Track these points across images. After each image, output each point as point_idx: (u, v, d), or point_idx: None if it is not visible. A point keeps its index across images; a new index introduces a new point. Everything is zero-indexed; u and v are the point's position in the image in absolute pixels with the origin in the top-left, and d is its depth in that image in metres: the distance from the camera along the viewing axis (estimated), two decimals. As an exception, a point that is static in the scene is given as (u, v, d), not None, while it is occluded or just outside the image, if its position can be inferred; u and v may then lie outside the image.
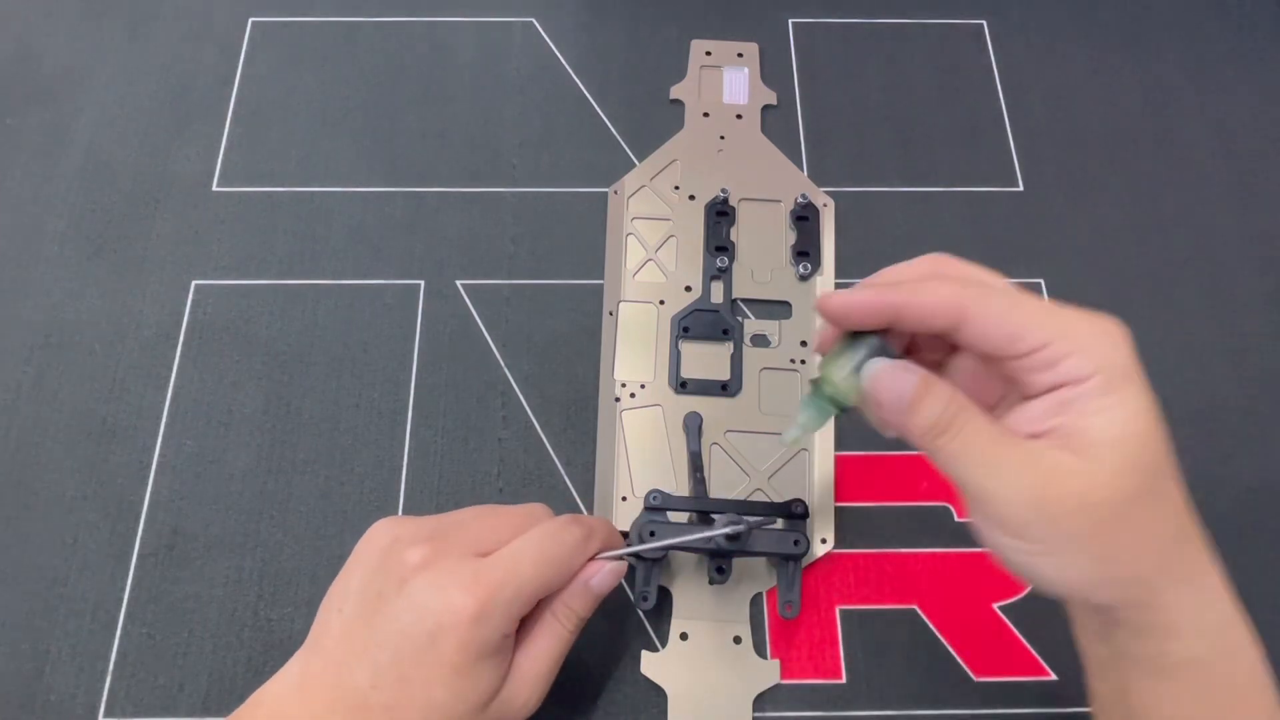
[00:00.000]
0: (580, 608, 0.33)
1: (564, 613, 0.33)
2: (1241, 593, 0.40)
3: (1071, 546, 0.25)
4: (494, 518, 0.33)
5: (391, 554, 0.31)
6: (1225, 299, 0.46)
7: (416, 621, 0.30)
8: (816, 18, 0.54)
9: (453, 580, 0.30)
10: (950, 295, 0.27)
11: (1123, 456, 0.25)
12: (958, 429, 0.26)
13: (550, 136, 0.50)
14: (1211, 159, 0.50)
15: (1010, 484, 0.25)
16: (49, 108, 0.50)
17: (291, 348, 0.44)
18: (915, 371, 0.27)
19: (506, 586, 0.30)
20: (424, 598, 0.30)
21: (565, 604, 0.33)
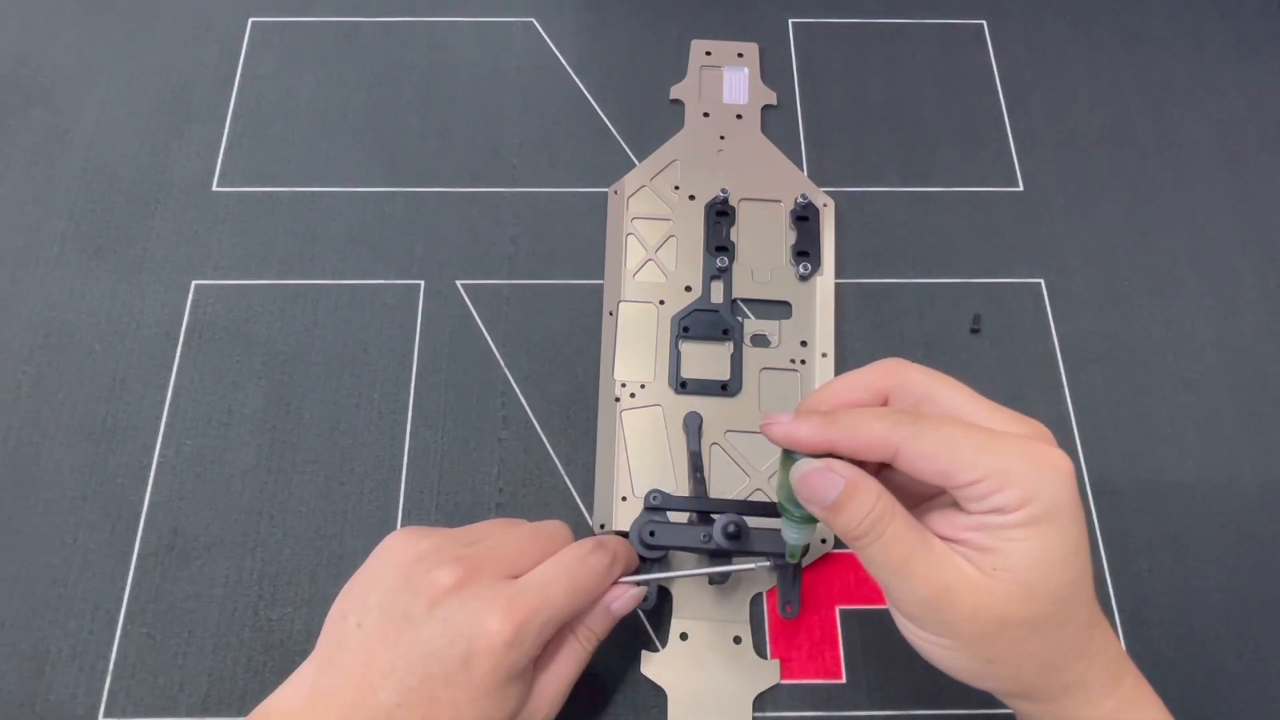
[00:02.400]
0: (600, 629, 0.34)
1: (584, 634, 0.34)
2: (1242, 592, 0.40)
3: (959, 646, 0.28)
4: (518, 541, 0.33)
5: (417, 572, 0.31)
6: (1225, 299, 0.46)
7: (450, 645, 0.30)
8: (816, 18, 0.54)
9: (487, 605, 0.30)
10: (882, 434, 0.27)
11: (1023, 584, 0.27)
12: (877, 534, 0.27)
13: (550, 136, 0.50)
14: (1211, 159, 0.50)
15: (916, 588, 0.27)
16: (49, 108, 0.50)
17: (291, 348, 0.44)
18: (842, 473, 0.28)
19: (541, 613, 0.31)
20: (459, 621, 0.30)
21: (586, 626, 0.34)
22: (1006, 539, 0.27)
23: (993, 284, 0.46)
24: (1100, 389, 0.44)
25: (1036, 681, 0.28)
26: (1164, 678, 0.38)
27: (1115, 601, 0.40)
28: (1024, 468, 0.27)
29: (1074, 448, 0.43)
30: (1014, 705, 0.30)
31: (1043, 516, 0.26)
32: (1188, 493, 0.42)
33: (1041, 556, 0.26)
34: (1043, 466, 0.27)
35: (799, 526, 0.32)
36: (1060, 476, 0.27)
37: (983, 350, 0.45)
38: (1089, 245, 0.47)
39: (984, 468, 0.26)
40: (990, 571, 0.27)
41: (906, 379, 0.30)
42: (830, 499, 0.28)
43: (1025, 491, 0.26)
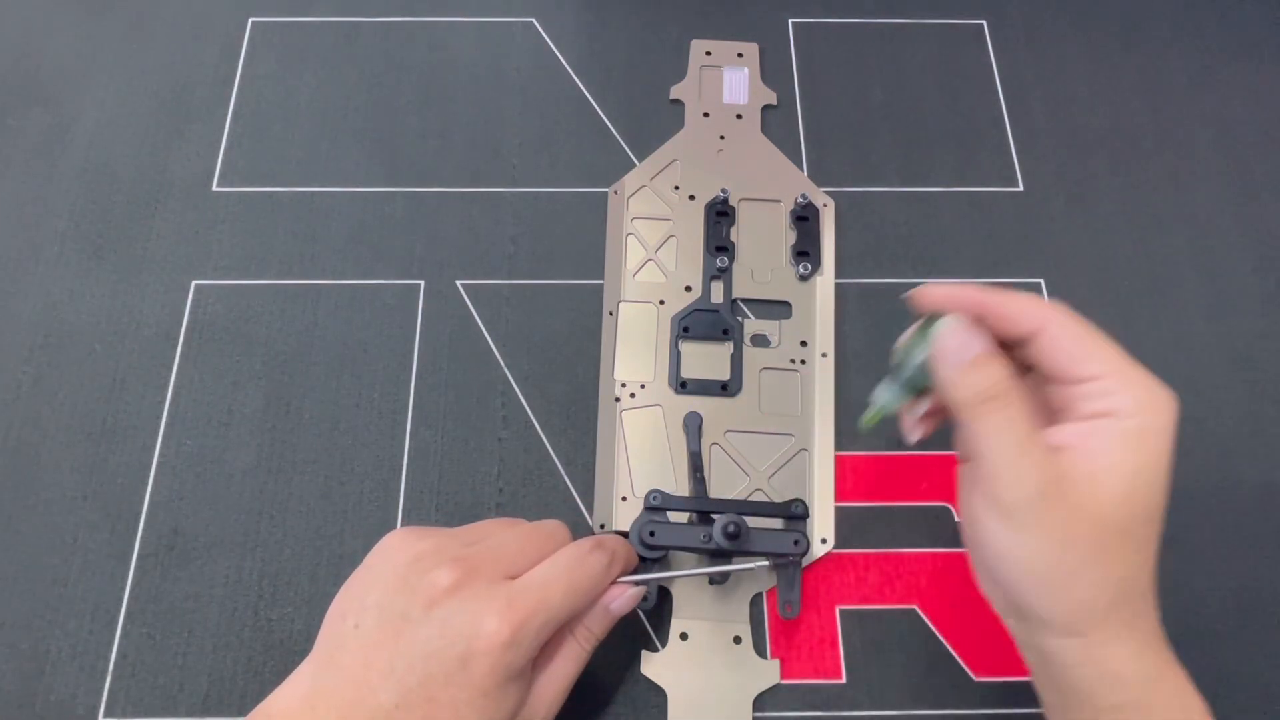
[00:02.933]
0: (599, 630, 0.34)
1: (583, 634, 0.34)
2: (1242, 592, 0.40)
3: (1049, 549, 0.27)
4: (517, 541, 0.33)
5: (415, 572, 0.31)
6: (1225, 299, 0.46)
7: (448, 646, 0.30)
8: (816, 18, 0.54)
9: (486, 606, 0.30)
10: (1036, 307, 0.29)
11: (1125, 490, 0.27)
12: (1004, 404, 0.28)
13: (550, 136, 0.50)
14: (1211, 159, 0.50)
15: (1028, 473, 0.27)
16: (49, 108, 0.50)
17: (291, 348, 0.44)
18: (984, 338, 0.29)
19: (539, 614, 0.31)
20: (458, 622, 0.30)
21: (585, 626, 0.34)
22: (1117, 446, 0.27)
23: (993, 284, 0.46)
24: (1100, 389, 0.44)
25: (1100, 605, 0.27)
26: (1164, 678, 0.38)
27: (1115, 601, 0.39)
28: (1146, 385, 0.28)
29: (1074, 448, 0.43)
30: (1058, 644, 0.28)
31: (1150, 432, 0.28)
32: (1188, 493, 0.42)
33: (1143, 468, 0.28)
34: (1164, 395, 0.29)
35: (900, 390, 0.32)
36: (1171, 408, 0.29)
37: (983, 350, 0.45)
38: (1089, 245, 0.47)
39: (1113, 366, 0.28)
40: (1098, 472, 0.27)
41: None
42: (971, 354, 0.29)
43: (1143, 406, 0.28)
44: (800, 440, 0.42)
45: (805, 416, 0.43)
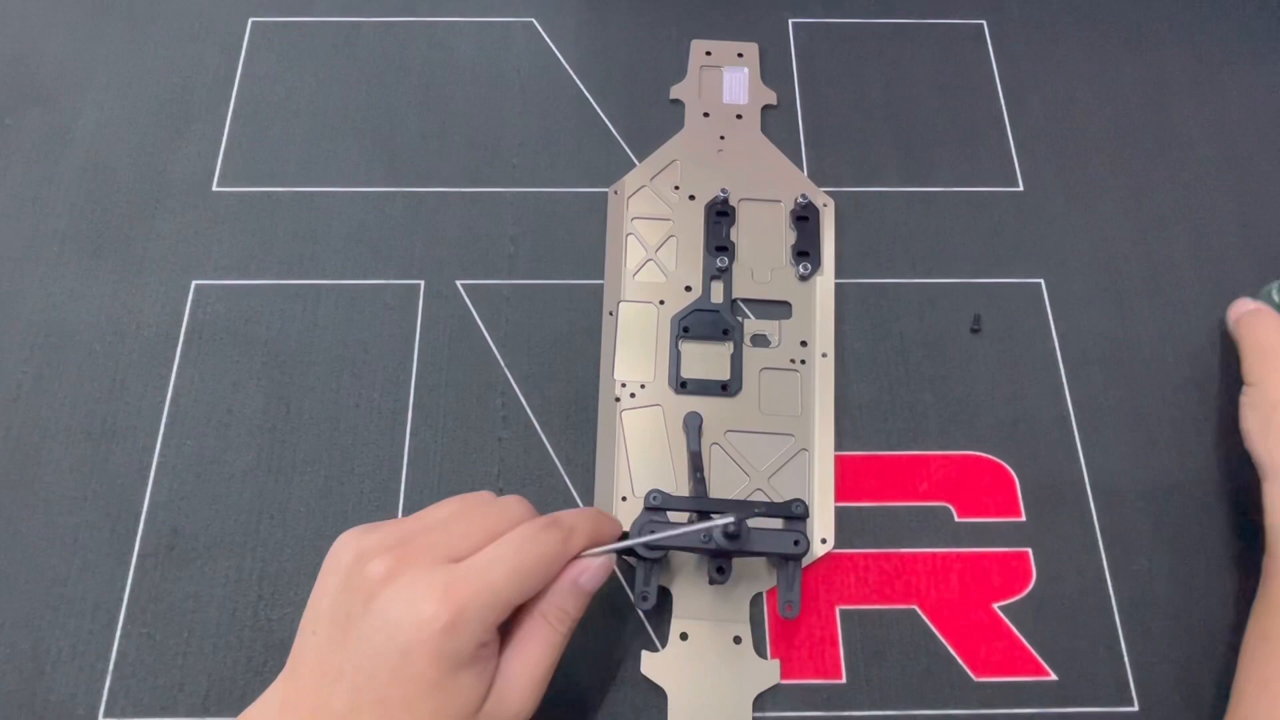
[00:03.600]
0: (571, 608, 0.32)
1: (555, 614, 0.32)
2: (1242, 592, 0.40)
3: None
4: (464, 522, 0.32)
5: (355, 570, 0.30)
6: (1225, 299, 0.46)
7: (388, 639, 0.28)
8: (816, 18, 0.54)
9: (421, 592, 0.29)
10: None
11: None
12: None
13: (550, 136, 0.50)
14: (1211, 159, 0.50)
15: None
16: (49, 108, 0.50)
17: (291, 348, 0.44)
18: None
19: (479, 595, 0.29)
20: (393, 613, 0.29)
21: (555, 605, 0.32)
22: None
23: (993, 284, 0.46)
24: (1100, 389, 0.44)
25: None
26: (1164, 677, 0.38)
27: (1115, 601, 0.40)
28: None
29: (1074, 447, 0.43)
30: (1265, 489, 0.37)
31: None
32: (1188, 493, 0.42)
33: None
34: None
35: None
36: None
37: (983, 350, 0.45)
38: (1089, 245, 0.47)
39: None
40: None
41: None
42: None
43: None
44: (800, 440, 0.42)
45: (805, 416, 0.43)
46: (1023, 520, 0.41)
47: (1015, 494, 0.42)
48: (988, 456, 0.42)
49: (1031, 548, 0.41)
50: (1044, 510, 0.41)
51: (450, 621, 0.28)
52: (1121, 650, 0.39)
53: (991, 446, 0.43)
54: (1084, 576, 0.40)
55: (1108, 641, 0.39)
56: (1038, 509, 0.41)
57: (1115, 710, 0.38)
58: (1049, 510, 0.41)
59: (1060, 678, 0.38)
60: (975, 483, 0.42)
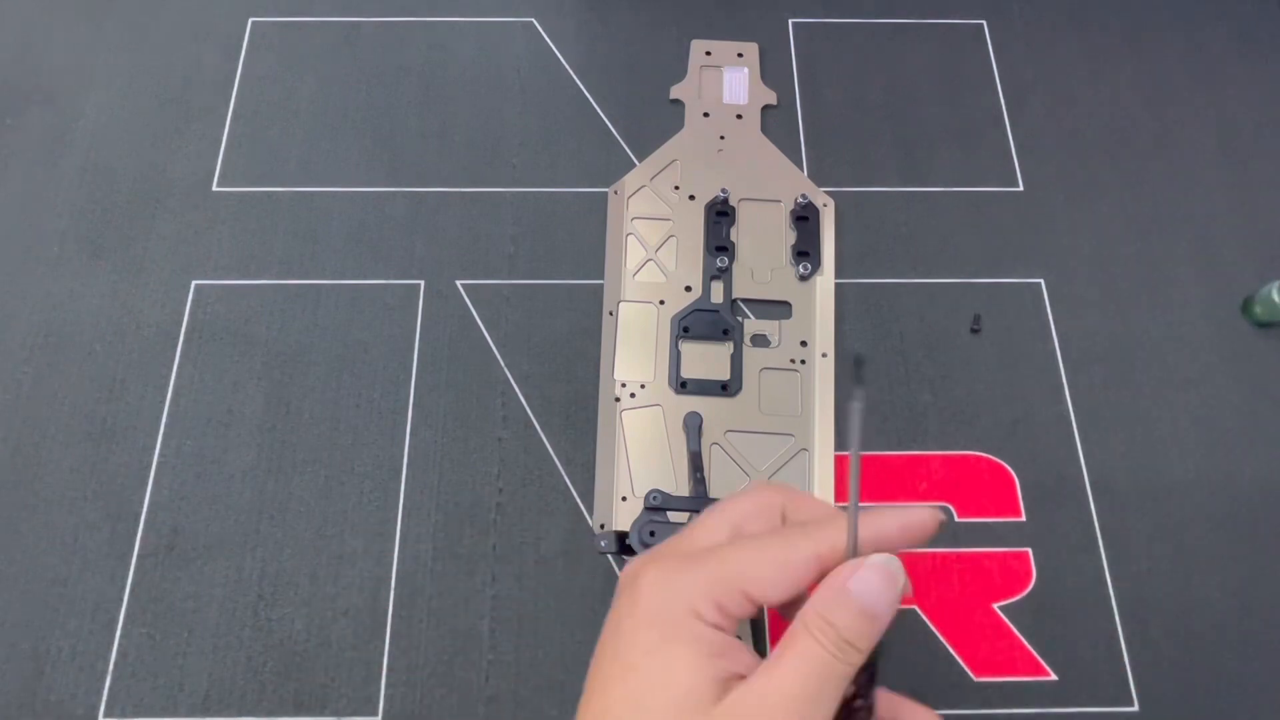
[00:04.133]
0: (837, 618, 0.25)
1: (817, 624, 0.25)
2: (1242, 592, 0.40)
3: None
4: (714, 515, 0.29)
5: None
6: (1224, 299, 0.46)
7: (614, 618, 0.27)
8: (816, 18, 0.54)
9: (654, 563, 0.27)
10: None
11: None
12: None
13: (550, 136, 0.50)
14: (1211, 159, 0.50)
15: None
16: (49, 108, 0.50)
17: (291, 348, 0.44)
18: None
19: (699, 560, 0.26)
20: (628, 584, 0.27)
21: (818, 612, 0.25)
22: None
23: (993, 284, 0.46)
24: (1100, 389, 0.44)
25: None
26: (1164, 677, 0.38)
27: (1115, 601, 0.40)
28: None
29: (1074, 447, 0.43)
30: None
31: None
32: (1188, 493, 0.42)
33: None
34: None
35: None
36: None
37: (983, 350, 0.45)
38: (1089, 245, 0.47)
39: None
40: None
41: None
42: None
43: None
44: (800, 440, 0.42)
45: (805, 416, 0.43)
46: (1023, 520, 0.41)
47: (1015, 494, 0.42)
48: (988, 456, 0.42)
49: (1031, 548, 0.41)
50: (1044, 510, 0.41)
51: (658, 579, 0.26)
52: (1121, 650, 0.39)
53: (991, 446, 0.43)
54: (1084, 576, 0.40)
55: (1108, 641, 0.39)
56: (1038, 509, 0.41)
57: (1115, 710, 0.38)
58: (1049, 510, 0.41)
59: (1060, 678, 0.38)
60: (975, 483, 0.42)
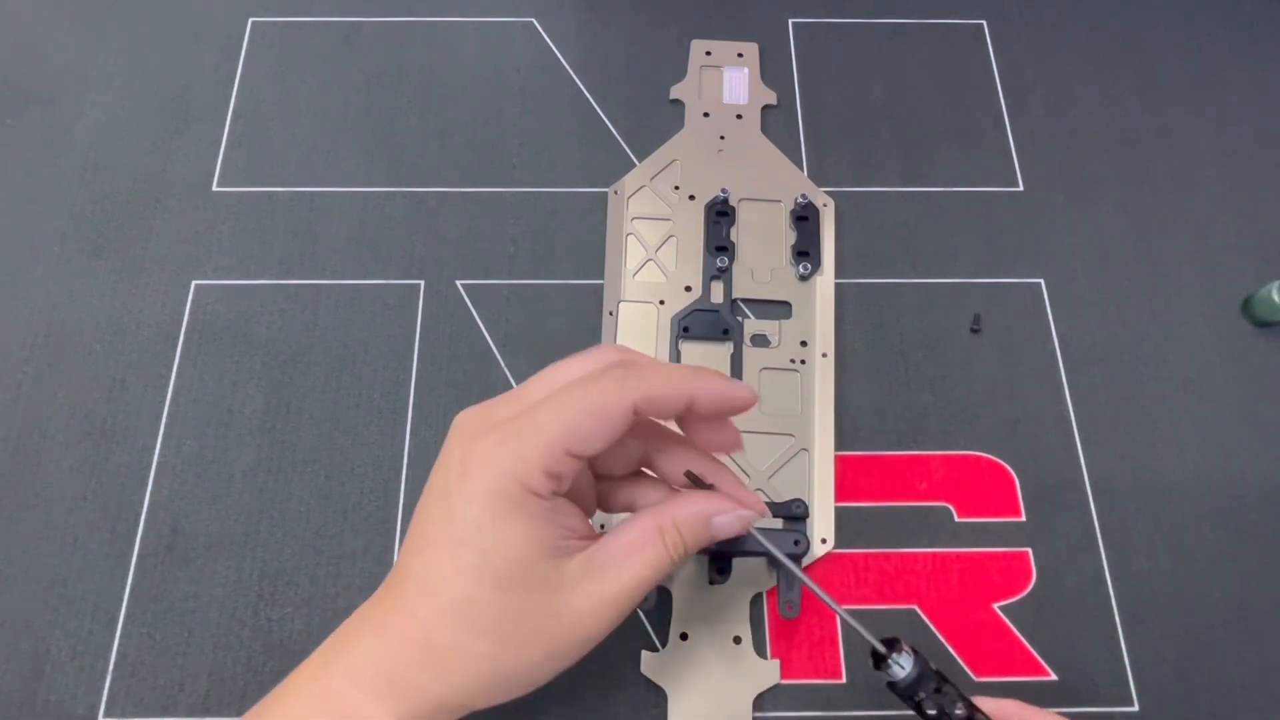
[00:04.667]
0: (690, 538, 0.29)
1: (671, 534, 0.29)
2: (1242, 592, 0.40)
3: None
4: (548, 372, 0.30)
5: (450, 436, 0.30)
6: (1225, 299, 0.46)
7: (442, 476, 0.28)
8: (816, 18, 0.54)
9: (473, 430, 0.28)
10: None
11: None
12: None
13: (550, 136, 0.50)
14: (1211, 159, 0.50)
15: None
16: (49, 108, 0.50)
17: (291, 348, 0.44)
18: None
19: (522, 428, 0.27)
20: (449, 452, 0.28)
21: (676, 526, 0.29)
22: None
23: (993, 284, 0.46)
24: (1100, 389, 0.44)
25: None
26: (1164, 678, 0.38)
27: (1115, 601, 0.40)
28: None
29: (1074, 448, 0.43)
30: None
31: None
32: (1188, 493, 0.42)
33: None
34: None
35: None
36: None
37: (983, 350, 0.45)
38: (1089, 245, 0.47)
39: None
40: None
41: None
42: None
43: None
44: (800, 440, 0.42)
45: (805, 416, 0.43)
46: (1023, 520, 0.41)
47: (1015, 494, 0.42)
48: (988, 456, 0.42)
49: (1031, 548, 0.41)
50: (1044, 510, 0.41)
51: (483, 453, 0.27)
52: (1121, 650, 0.39)
53: (991, 446, 0.43)
54: (1084, 576, 0.40)
55: (1108, 641, 0.39)
56: (1038, 509, 0.41)
57: (1115, 710, 0.38)
58: (1049, 510, 0.41)
59: (1060, 678, 0.38)
60: (975, 483, 0.42)
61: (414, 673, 0.26)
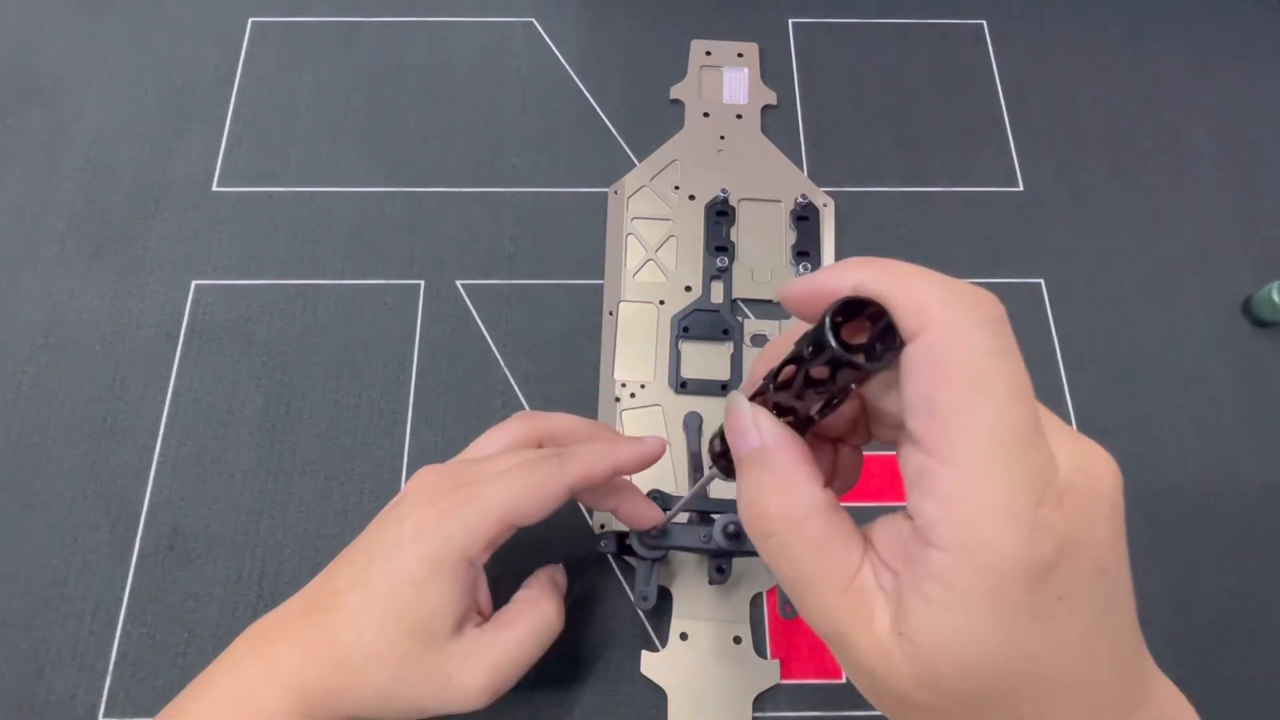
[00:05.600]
0: (545, 600, 0.34)
1: (560, 576, 0.35)
2: (1242, 592, 0.40)
3: None
4: (484, 440, 0.35)
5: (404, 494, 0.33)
6: (1225, 299, 0.46)
7: (393, 529, 0.31)
8: (816, 18, 0.54)
9: (429, 497, 0.32)
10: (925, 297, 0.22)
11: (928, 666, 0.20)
12: (767, 532, 0.22)
13: (550, 136, 0.50)
14: (1211, 159, 0.50)
15: (811, 618, 0.22)
16: (49, 108, 0.50)
17: (291, 348, 0.44)
18: (764, 432, 0.23)
19: (466, 505, 0.31)
20: (403, 509, 0.32)
21: (543, 592, 0.34)
22: (949, 614, 0.18)
23: (993, 284, 0.46)
24: (1100, 389, 0.44)
25: None
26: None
27: (1115, 601, 0.40)
28: None
29: (1074, 448, 0.43)
30: None
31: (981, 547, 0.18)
32: (1188, 493, 0.42)
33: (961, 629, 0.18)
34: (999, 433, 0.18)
35: None
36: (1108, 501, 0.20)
37: (983, 350, 0.45)
38: (1089, 245, 0.47)
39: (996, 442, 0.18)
40: (899, 634, 0.19)
41: None
42: (742, 450, 0.22)
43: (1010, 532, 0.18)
44: (800, 440, 0.42)
45: (805, 416, 0.43)
46: (1023, 520, 0.41)
47: (1015, 494, 0.42)
48: (988, 456, 0.42)
49: (1031, 548, 0.41)
50: (1044, 510, 0.41)
51: (435, 521, 0.31)
52: (1121, 650, 0.39)
53: (991, 446, 0.43)
54: (1084, 576, 0.40)
55: (1108, 641, 0.39)
56: (1038, 509, 0.41)
57: (1115, 710, 0.38)
58: (1049, 510, 0.41)
59: (1060, 678, 0.38)
60: (975, 483, 0.42)
61: (325, 682, 0.30)
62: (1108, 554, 0.20)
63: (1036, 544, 0.18)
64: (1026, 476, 0.18)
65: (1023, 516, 0.18)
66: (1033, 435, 0.19)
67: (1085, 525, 0.19)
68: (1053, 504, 0.18)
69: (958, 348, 0.19)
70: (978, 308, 0.20)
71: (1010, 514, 0.18)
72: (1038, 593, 0.18)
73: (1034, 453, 0.18)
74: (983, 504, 0.18)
